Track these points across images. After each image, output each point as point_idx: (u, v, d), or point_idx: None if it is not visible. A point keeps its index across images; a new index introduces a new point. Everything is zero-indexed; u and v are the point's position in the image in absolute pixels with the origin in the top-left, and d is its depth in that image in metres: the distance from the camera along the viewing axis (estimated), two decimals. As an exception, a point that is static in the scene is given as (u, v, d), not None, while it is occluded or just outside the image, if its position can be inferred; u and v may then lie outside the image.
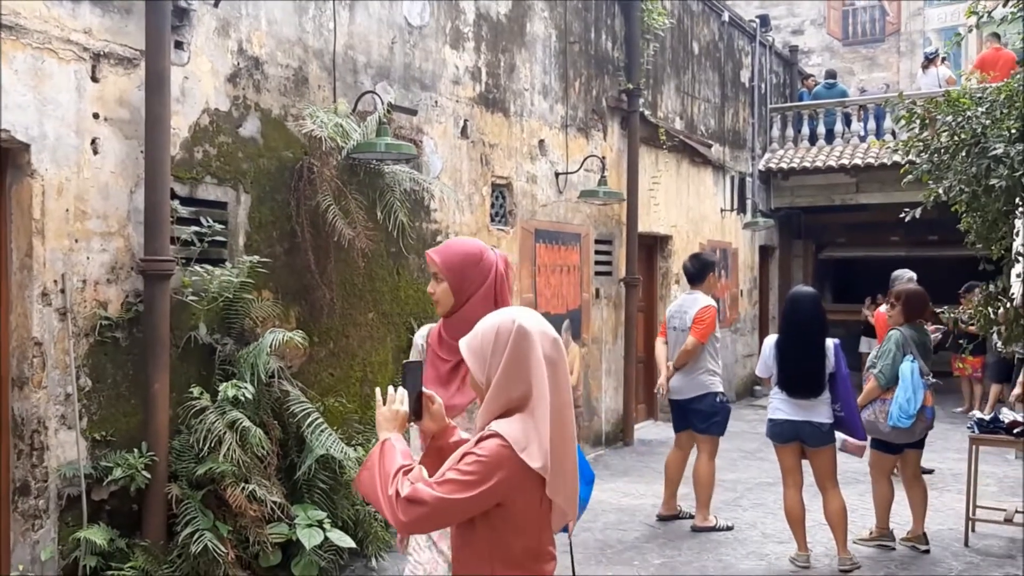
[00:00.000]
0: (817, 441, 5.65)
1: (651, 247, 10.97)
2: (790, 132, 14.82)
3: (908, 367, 5.75)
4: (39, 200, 4.34)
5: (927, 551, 6.12)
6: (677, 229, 11.42)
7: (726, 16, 13.01)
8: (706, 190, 12.42)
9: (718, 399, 6.68)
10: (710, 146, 12.29)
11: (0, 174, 4.33)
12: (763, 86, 14.53)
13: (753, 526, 6.83)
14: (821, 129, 14.60)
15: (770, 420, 5.83)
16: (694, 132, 11.92)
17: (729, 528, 6.69)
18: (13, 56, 4.21)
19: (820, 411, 5.61)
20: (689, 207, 11.82)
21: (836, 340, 5.74)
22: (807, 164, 14.07)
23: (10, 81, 4.19)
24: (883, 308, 7.45)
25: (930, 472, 8.05)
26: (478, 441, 2.12)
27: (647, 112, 10.27)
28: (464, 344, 2.24)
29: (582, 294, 9.11)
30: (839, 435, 5.74)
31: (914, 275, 8.23)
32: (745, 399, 13.58)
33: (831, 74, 15.76)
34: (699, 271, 6.93)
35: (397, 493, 2.10)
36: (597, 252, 9.44)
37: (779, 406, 5.73)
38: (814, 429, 5.62)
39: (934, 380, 6.00)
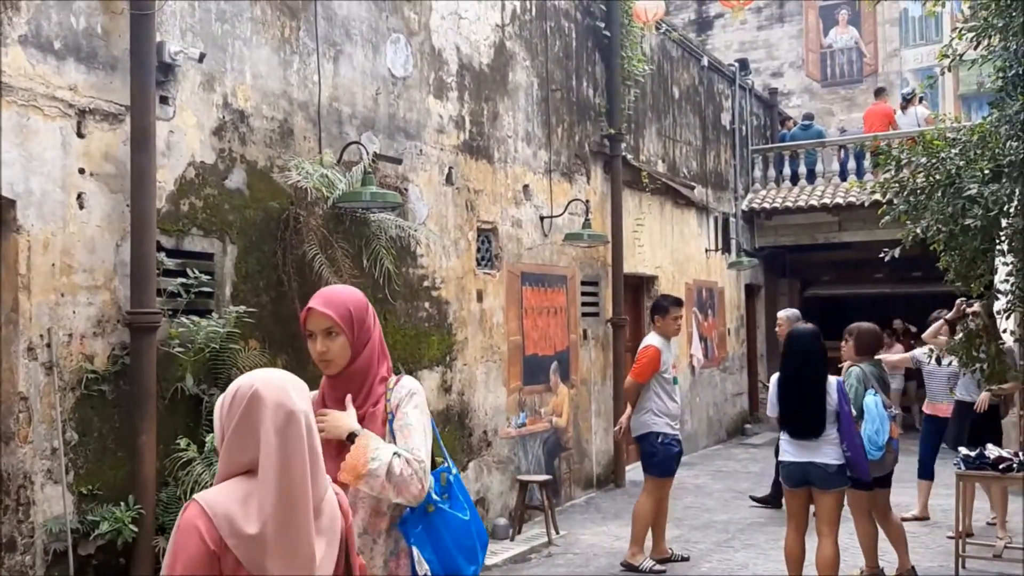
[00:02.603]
0: (823, 483, 5.45)
1: (637, 288, 11.05)
2: (772, 172, 15.01)
3: (872, 400, 5.75)
4: (25, 255, 4.37)
5: None
6: (662, 270, 11.50)
7: (705, 61, 13.24)
8: (690, 231, 12.54)
9: (659, 439, 6.68)
10: (693, 188, 12.43)
11: (-13, 230, 4.37)
12: (744, 128, 14.74)
13: (745, 567, 6.81)
14: (802, 169, 14.79)
15: (780, 463, 5.74)
16: (677, 174, 12.06)
17: (662, 569, 6.65)
18: None
19: (826, 451, 5.43)
20: (674, 248, 11.92)
21: (839, 378, 5.67)
22: (789, 204, 14.23)
23: (-3, 139, 4.24)
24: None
25: (926, 519, 8.06)
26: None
27: (629, 156, 10.41)
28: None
29: (569, 335, 9.14)
30: None
31: (799, 313, 8.47)
32: (736, 438, 13.58)
33: (808, 116, 16.03)
34: (652, 311, 7.12)
35: None
36: (583, 294, 9.50)
37: (786, 448, 5.60)
38: (819, 470, 5.43)
39: (897, 411, 6.02)
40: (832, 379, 5.56)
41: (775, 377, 5.79)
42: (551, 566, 6.92)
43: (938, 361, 7.06)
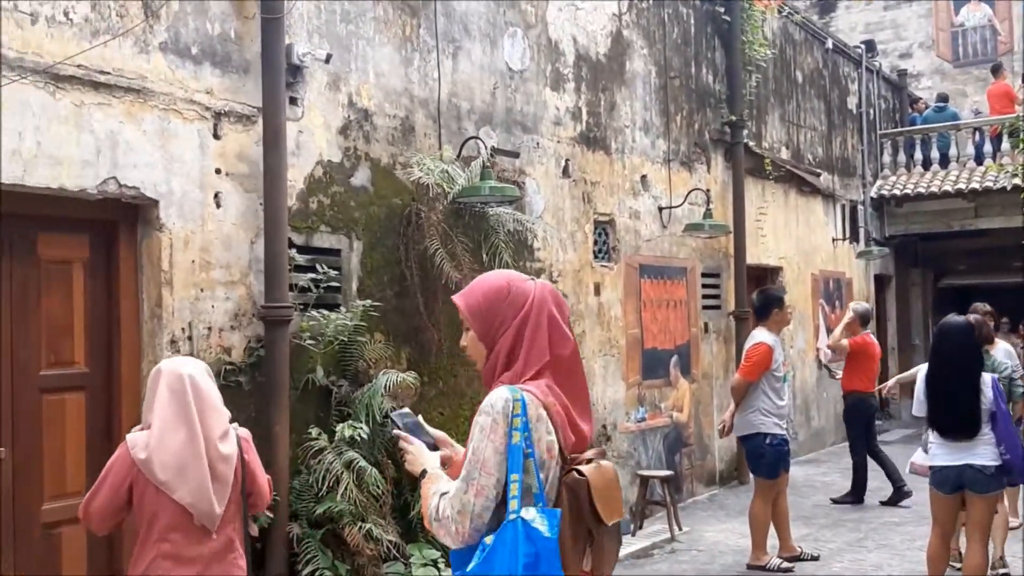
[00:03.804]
0: (981, 487, 5.08)
1: (761, 279, 10.75)
2: (902, 157, 14.36)
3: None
4: (167, 253, 4.59)
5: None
6: (787, 260, 11.17)
7: (830, 43, 12.77)
8: (816, 220, 12.13)
9: (767, 440, 6.45)
10: (818, 175, 12.02)
11: (131, 229, 4.61)
12: (871, 112, 14.15)
13: (879, 568, 6.54)
14: (935, 153, 14.09)
15: (930, 467, 5.36)
16: (801, 161, 11.69)
17: (790, 567, 6.47)
18: (142, 118, 4.49)
19: (982, 452, 5.06)
20: (799, 237, 11.56)
21: (994, 375, 5.35)
22: (921, 190, 13.59)
23: (139, 141, 4.47)
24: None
25: None
26: None
27: (751, 143, 10.14)
28: None
29: (690, 329, 8.99)
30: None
31: (868, 306, 8.47)
32: (865, 435, 13.06)
33: (942, 97, 15.24)
34: (762, 306, 6.80)
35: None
36: (704, 286, 9.32)
37: (936, 451, 5.25)
38: (976, 473, 5.06)
39: None
40: (986, 376, 5.21)
41: (921, 373, 5.50)
42: (674, 562, 6.82)
43: None
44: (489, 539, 2.12)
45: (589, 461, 2.20)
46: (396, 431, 2.43)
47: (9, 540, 4.17)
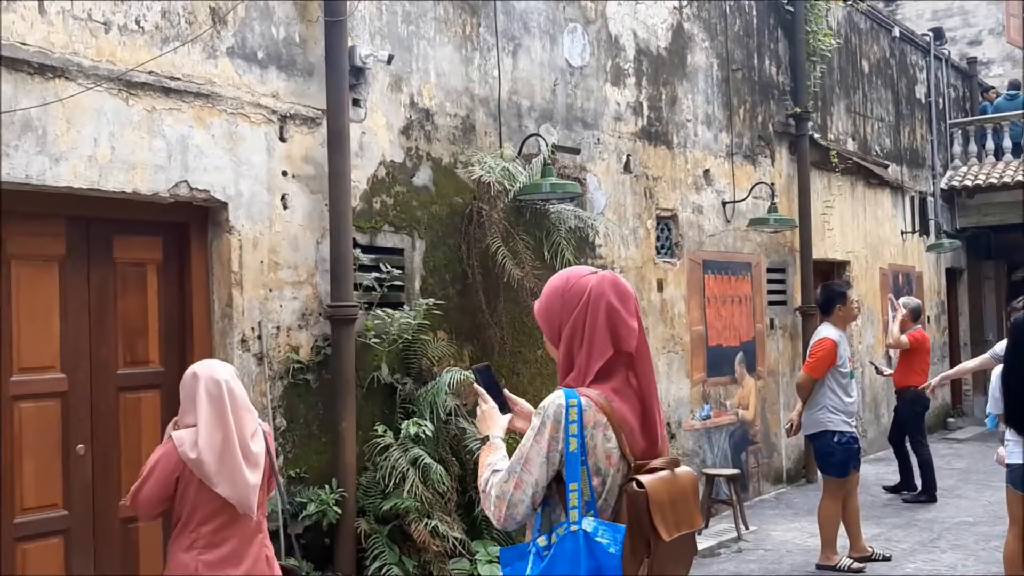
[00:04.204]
0: None
1: (827, 274, 10.54)
2: (973, 147, 13.93)
3: None
4: (237, 254, 4.69)
5: None
6: (855, 254, 10.94)
7: (896, 32, 12.46)
8: (884, 212, 11.85)
9: (836, 438, 6.29)
10: (886, 166, 11.74)
11: (201, 231, 4.72)
12: (940, 101, 13.77)
13: (953, 568, 6.36)
14: (1007, 143, 13.64)
15: (1007, 464, 5.20)
16: (868, 153, 11.43)
17: (861, 567, 6.34)
18: (211, 122, 4.59)
19: None
20: (867, 231, 11.30)
21: None
22: (994, 180, 13.16)
23: (208, 145, 4.57)
24: None
25: None
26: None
27: (817, 135, 9.95)
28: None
29: (755, 325, 8.86)
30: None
31: (919, 302, 8.27)
32: (938, 432, 12.73)
33: (1014, 84, 14.75)
34: (825, 302, 6.66)
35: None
36: (770, 281, 9.18)
37: (1012, 448, 5.10)
38: None
39: None
40: None
41: (997, 369, 5.34)
42: (741, 562, 6.73)
43: None
44: (542, 540, 2.12)
45: (655, 470, 2.11)
46: (476, 385, 2.43)
47: (89, 535, 4.31)
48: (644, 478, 2.07)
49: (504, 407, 2.41)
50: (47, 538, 4.16)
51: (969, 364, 7.59)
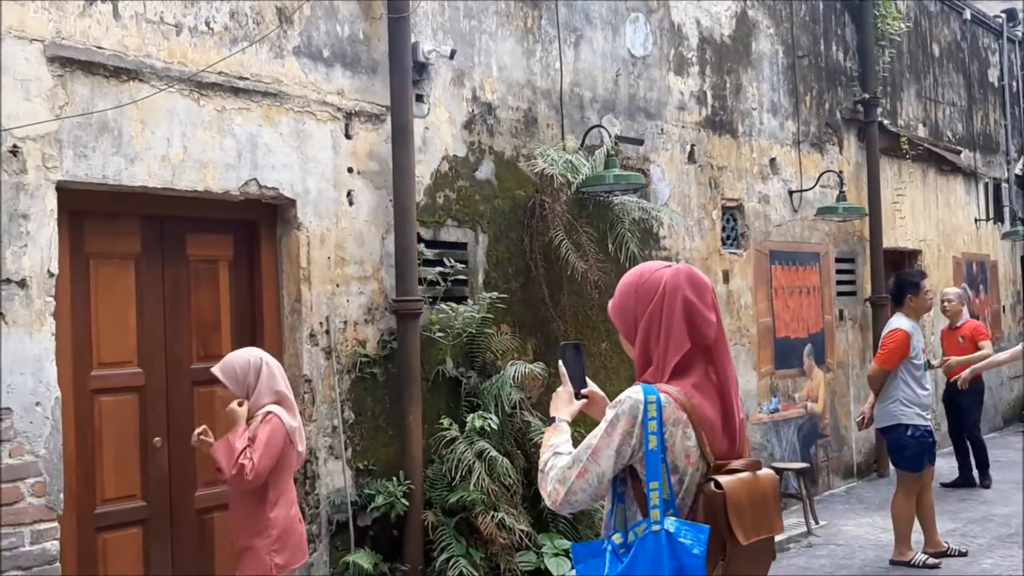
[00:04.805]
0: None
1: (898, 263, 10.29)
2: (1051, 130, 13.45)
3: None
4: (305, 250, 4.77)
5: None
6: (926, 243, 10.65)
7: (967, 14, 12.06)
8: (957, 200, 11.51)
9: (909, 432, 6.11)
10: (958, 152, 11.39)
11: (271, 228, 4.81)
12: (1015, 84, 13.29)
13: (1035, 567, 6.16)
14: (1089, 125, 13.14)
15: None
16: (939, 139, 11.10)
17: (936, 563, 6.17)
18: (278, 120, 4.67)
19: None
20: (939, 219, 10.99)
21: None
22: (1075, 164, 12.68)
23: (276, 143, 4.65)
24: None
25: None
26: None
27: (886, 121, 9.70)
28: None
29: (824, 316, 8.69)
30: None
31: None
32: (1013, 425, 12.34)
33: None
34: (896, 292, 6.47)
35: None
36: (838, 271, 9.00)
37: None
38: None
39: None
40: None
41: None
42: (812, 556, 6.62)
43: None
44: (618, 538, 2.09)
45: (735, 471, 2.06)
46: (560, 363, 2.38)
47: (167, 525, 4.43)
48: (723, 479, 2.03)
49: (580, 389, 2.34)
50: (126, 528, 4.30)
51: (1000, 356, 7.34)
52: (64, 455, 3.90)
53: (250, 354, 3.80)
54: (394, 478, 4.91)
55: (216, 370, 3.76)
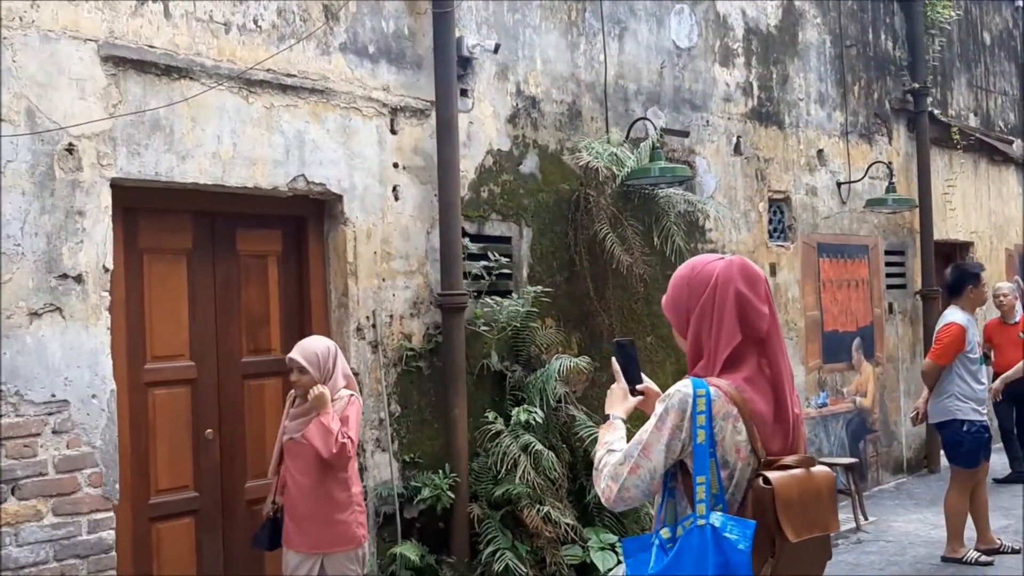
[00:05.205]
0: None
1: (949, 256, 10.08)
2: (1110, 118, 13.07)
3: None
4: (351, 245, 4.81)
5: None
6: (978, 235, 10.42)
7: (1019, 1, 11.77)
8: (1009, 191, 11.24)
9: (964, 427, 5.97)
10: (1011, 142, 11.12)
11: (318, 223, 4.86)
12: (1072, 70, 12.94)
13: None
14: None
15: None
16: (991, 129, 10.85)
17: (989, 560, 6.05)
18: (325, 117, 4.71)
19: None
20: (991, 210, 10.76)
21: None
22: None
23: (323, 139, 4.70)
24: None
25: None
26: None
27: (936, 111, 9.51)
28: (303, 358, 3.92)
29: (873, 309, 8.56)
30: None
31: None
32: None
33: None
34: (955, 283, 6.26)
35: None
36: (888, 264, 8.85)
37: None
38: None
39: None
40: None
41: None
42: (862, 553, 6.53)
43: None
44: (666, 533, 2.08)
45: (787, 467, 2.02)
46: (613, 360, 2.37)
47: (218, 515, 4.51)
48: (773, 475, 2.00)
49: (635, 388, 2.34)
50: (179, 518, 4.38)
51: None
52: (119, 446, 3.99)
53: (326, 341, 4.03)
54: (440, 471, 4.94)
55: (298, 357, 3.87)
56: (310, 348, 3.91)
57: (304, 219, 4.82)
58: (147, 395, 4.29)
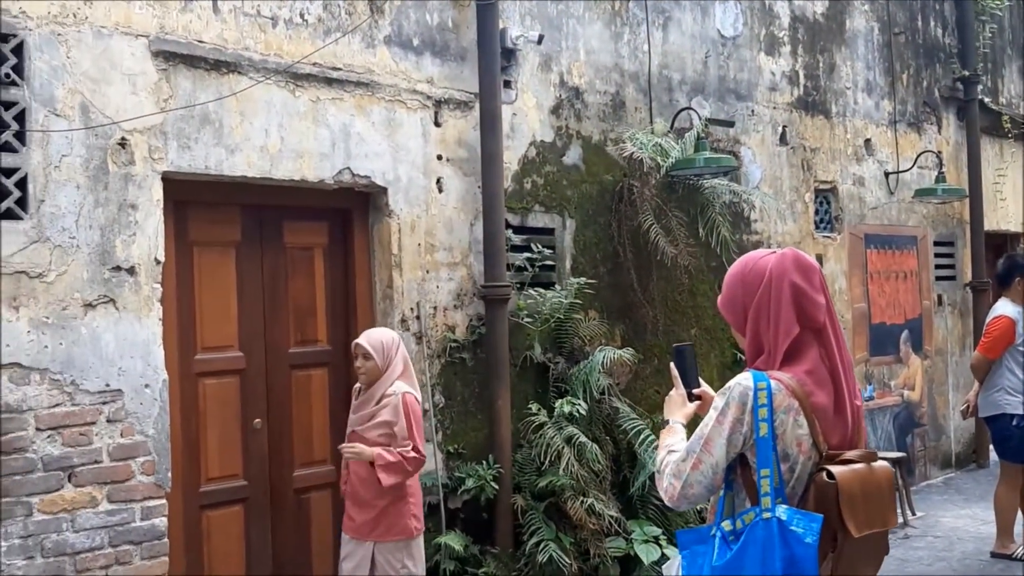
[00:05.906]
0: None
1: (1000, 247, 9.87)
2: None
3: None
4: (396, 237, 4.84)
5: None
6: (1030, 225, 10.19)
7: (1079, -18, 11.46)
8: (1064, 179, 10.97)
9: (1014, 421, 5.84)
10: (1066, 130, 10.85)
11: (363, 216, 4.90)
12: None
13: None
14: None
15: None
16: (1046, 116, 10.59)
17: None
18: (370, 110, 4.74)
19: None
20: (1044, 200, 10.50)
21: None
22: None
23: (368, 132, 4.73)
24: None
25: None
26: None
27: (987, 99, 9.30)
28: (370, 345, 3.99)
29: (922, 301, 8.42)
30: None
31: None
32: None
33: None
34: (1005, 274, 6.13)
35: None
36: (937, 255, 8.70)
37: None
38: None
39: None
40: None
41: None
42: (909, 548, 6.45)
43: None
44: (727, 525, 2.07)
45: (849, 462, 2.01)
46: (672, 365, 2.37)
47: (266, 503, 4.58)
48: (836, 469, 1.99)
49: (692, 393, 2.34)
50: (229, 506, 4.45)
51: None
52: (171, 435, 4.07)
53: (391, 332, 4.15)
54: (484, 462, 4.97)
55: (364, 343, 3.98)
56: (376, 336, 4.02)
57: (349, 211, 4.85)
58: (197, 385, 4.36)
